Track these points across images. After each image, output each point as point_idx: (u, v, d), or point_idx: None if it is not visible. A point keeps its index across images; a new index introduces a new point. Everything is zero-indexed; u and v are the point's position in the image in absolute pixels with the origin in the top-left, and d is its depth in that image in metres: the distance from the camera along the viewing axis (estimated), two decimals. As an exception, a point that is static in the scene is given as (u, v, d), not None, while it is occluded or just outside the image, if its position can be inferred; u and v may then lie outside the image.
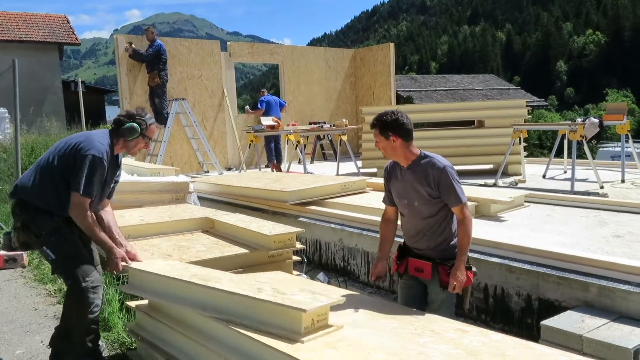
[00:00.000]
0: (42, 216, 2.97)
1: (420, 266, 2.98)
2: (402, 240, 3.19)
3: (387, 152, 2.98)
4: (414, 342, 2.41)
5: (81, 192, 2.90)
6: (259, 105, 10.64)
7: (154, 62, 9.09)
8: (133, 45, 9.14)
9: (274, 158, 10.18)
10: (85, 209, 2.95)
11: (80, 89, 14.20)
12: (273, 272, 3.76)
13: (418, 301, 3.03)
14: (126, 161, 7.81)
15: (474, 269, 2.97)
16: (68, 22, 21.90)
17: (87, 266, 3.02)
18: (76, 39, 21.53)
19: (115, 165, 3.24)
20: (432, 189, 2.88)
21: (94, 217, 3.06)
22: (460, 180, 2.94)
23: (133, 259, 3.11)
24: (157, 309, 3.15)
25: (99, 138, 3.08)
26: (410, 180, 2.95)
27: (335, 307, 2.82)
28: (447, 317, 2.80)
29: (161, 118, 9.22)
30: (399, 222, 3.20)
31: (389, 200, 3.16)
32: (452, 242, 2.96)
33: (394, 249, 3.23)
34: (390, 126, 2.91)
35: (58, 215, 3.00)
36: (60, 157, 3.04)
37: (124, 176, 6.15)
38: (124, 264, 3.02)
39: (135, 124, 3.14)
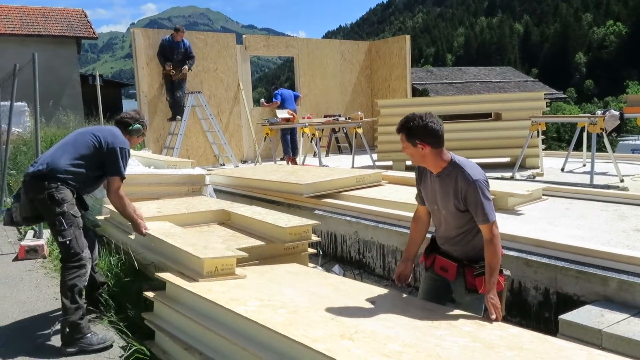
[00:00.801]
0: (66, 190, 3.46)
1: (446, 265, 2.85)
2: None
3: (415, 159, 2.75)
4: (430, 334, 2.38)
5: (120, 175, 3.60)
6: (274, 99, 10.64)
7: (185, 57, 9.27)
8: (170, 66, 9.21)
9: (289, 151, 10.18)
10: (121, 192, 3.66)
11: (98, 82, 14.33)
12: (289, 265, 3.78)
13: (438, 296, 2.94)
14: (144, 154, 7.90)
15: (505, 272, 2.80)
16: (86, 16, 22.12)
17: (85, 240, 3.53)
18: (94, 33, 21.74)
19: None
20: (460, 202, 2.67)
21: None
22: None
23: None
24: (175, 298, 3.19)
25: (121, 135, 3.74)
26: (438, 189, 2.76)
27: (351, 298, 2.89)
28: None
29: (180, 110, 9.32)
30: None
31: (420, 199, 2.99)
32: (473, 246, 2.77)
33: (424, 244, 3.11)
34: (418, 133, 2.64)
35: (76, 191, 3.53)
36: (90, 145, 3.57)
37: (141, 169, 6.22)
38: (146, 230, 3.86)
39: (140, 126, 3.87)
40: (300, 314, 2.62)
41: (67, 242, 3.40)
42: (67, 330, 3.32)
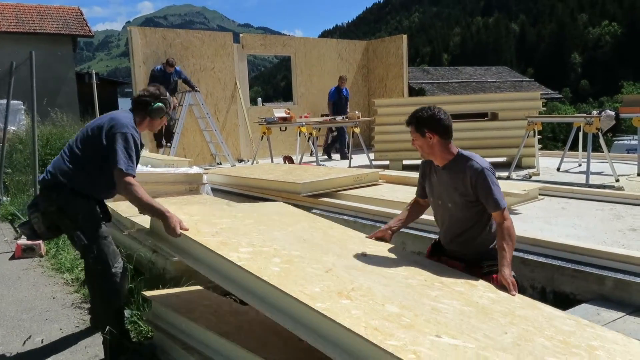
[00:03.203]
0: (78, 199, 3.02)
1: (453, 265, 2.83)
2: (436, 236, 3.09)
3: (424, 150, 2.80)
4: (425, 294, 2.38)
5: (124, 168, 2.91)
6: (330, 98, 10.63)
7: (176, 87, 9.30)
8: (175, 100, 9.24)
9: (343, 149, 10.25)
10: (132, 182, 2.91)
11: (94, 80, 14.29)
12: (275, 204, 4.01)
13: None
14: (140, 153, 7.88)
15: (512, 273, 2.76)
16: (81, 14, 22.04)
17: (115, 251, 3.11)
18: (89, 31, 21.66)
19: (140, 143, 3.20)
20: (469, 191, 2.71)
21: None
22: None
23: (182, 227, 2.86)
24: (171, 299, 3.19)
25: (125, 118, 3.10)
26: (445, 181, 2.79)
27: (342, 247, 2.93)
28: None
29: (171, 136, 9.42)
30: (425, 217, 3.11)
31: (420, 193, 3.07)
32: (490, 247, 2.79)
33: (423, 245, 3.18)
34: (426, 123, 2.73)
35: (92, 198, 3.08)
36: (87, 139, 3.09)
37: (138, 167, 6.22)
38: (181, 231, 2.79)
39: (161, 104, 3.19)
40: (295, 264, 2.55)
41: (91, 257, 3.02)
42: (107, 348, 3.06)
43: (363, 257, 2.75)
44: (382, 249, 3.00)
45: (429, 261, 2.87)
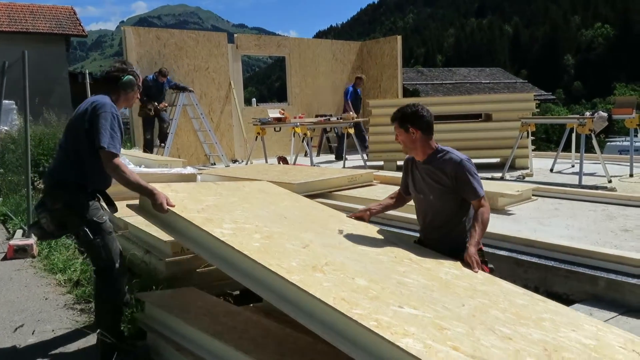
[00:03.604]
0: (83, 194, 3.02)
1: None
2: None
3: (407, 145, 2.97)
4: (394, 270, 2.56)
5: (109, 147, 2.87)
6: (348, 97, 10.58)
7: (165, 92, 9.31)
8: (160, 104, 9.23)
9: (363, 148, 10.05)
10: (114, 160, 2.91)
11: (88, 80, 14.22)
12: (259, 183, 4.25)
13: None
14: (134, 153, 7.86)
15: (490, 265, 2.91)
16: (75, 13, 21.90)
17: (119, 248, 3.12)
18: (83, 30, 21.53)
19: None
20: (449, 183, 2.87)
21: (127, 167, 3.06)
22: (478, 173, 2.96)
23: (169, 204, 2.96)
24: (164, 300, 3.18)
25: (103, 98, 3.05)
26: (426, 175, 2.96)
27: (321, 226, 3.16)
28: None
29: (165, 137, 9.41)
30: (404, 215, 3.21)
31: (403, 189, 3.23)
32: (464, 239, 2.90)
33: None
34: (410, 118, 2.91)
35: (91, 189, 3.07)
36: (75, 130, 3.05)
37: (131, 168, 6.19)
38: (168, 207, 2.89)
39: (131, 77, 3.14)
40: (274, 240, 2.71)
41: (97, 253, 3.02)
42: (100, 349, 3.04)
43: (340, 234, 2.96)
44: (359, 228, 3.19)
45: (411, 245, 3.07)
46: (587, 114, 7.44)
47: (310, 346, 2.46)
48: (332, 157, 10.88)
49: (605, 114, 7.20)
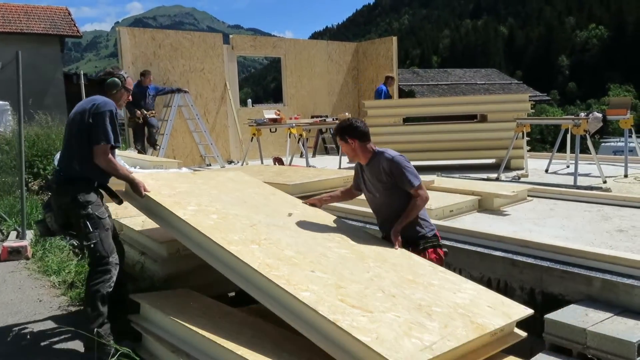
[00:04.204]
0: (90, 188, 3.30)
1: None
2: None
3: (350, 153, 3.44)
4: (322, 245, 3.05)
5: (105, 141, 3.23)
6: (382, 97, 10.50)
7: (153, 102, 9.12)
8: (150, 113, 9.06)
9: None
10: (109, 155, 3.30)
11: (83, 81, 14.17)
12: (233, 173, 4.70)
13: None
14: (129, 154, 7.82)
15: (444, 249, 3.37)
16: (69, 14, 21.81)
17: (112, 244, 3.34)
18: (77, 31, 21.44)
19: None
20: (387, 179, 3.28)
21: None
22: (413, 166, 3.33)
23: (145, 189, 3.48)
24: (160, 301, 3.17)
25: (102, 98, 3.37)
26: (370, 175, 3.39)
27: (275, 210, 3.62)
28: None
29: (154, 142, 9.17)
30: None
31: (354, 186, 3.67)
32: (416, 228, 3.31)
33: None
34: (347, 131, 3.38)
35: (97, 183, 3.35)
36: (78, 126, 3.30)
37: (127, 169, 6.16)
38: (145, 192, 3.43)
39: (115, 79, 3.48)
40: (228, 220, 3.21)
41: (92, 245, 3.23)
42: (87, 338, 3.15)
43: (288, 217, 3.47)
44: (308, 212, 3.66)
45: (344, 222, 3.64)
46: (582, 114, 7.46)
47: (307, 347, 2.46)
48: (328, 157, 10.87)
49: (600, 115, 7.22)
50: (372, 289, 2.58)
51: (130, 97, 3.71)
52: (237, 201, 3.64)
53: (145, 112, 8.90)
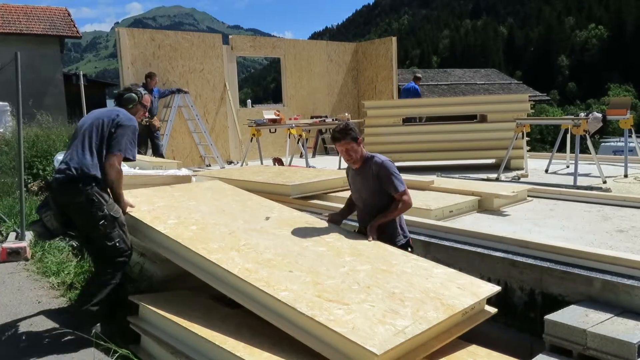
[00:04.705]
0: (101, 188, 3.38)
1: None
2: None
3: (359, 155, 3.47)
4: (299, 244, 3.23)
5: (123, 152, 3.41)
6: (415, 96, 10.48)
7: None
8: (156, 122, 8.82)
9: None
10: (121, 166, 3.48)
11: (82, 82, 14.14)
12: (210, 182, 4.95)
13: None
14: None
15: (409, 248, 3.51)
16: (69, 15, 21.80)
17: (127, 240, 3.45)
18: (77, 32, 21.43)
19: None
20: (376, 182, 3.43)
21: None
22: (400, 173, 3.46)
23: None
24: (159, 303, 3.16)
25: (124, 111, 3.61)
26: (360, 178, 3.55)
27: (252, 215, 3.80)
28: None
29: (159, 155, 8.91)
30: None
31: (351, 190, 3.76)
32: (397, 230, 3.49)
33: None
34: (353, 131, 3.47)
35: (104, 184, 3.42)
36: (99, 130, 3.44)
37: (126, 169, 6.16)
38: (129, 209, 3.63)
39: (132, 94, 3.73)
40: (207, 229, 3.39)
41: (117, 245, 3.35)
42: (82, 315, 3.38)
43: (265, 221, 3.64)
44: (285, 214, 3.86)
45: (319, 221, 3.82)
46: (582, 114, 7.46)
47: (305, 346, 2.46)
48: (328, 158, 10.86)
49: (599, 115, 7.22)
50: (348, 282, 2.76)
51: (146, 114, 3.95)
52: (215, 210, 3.83)
53: (149, 119, 8.64)
